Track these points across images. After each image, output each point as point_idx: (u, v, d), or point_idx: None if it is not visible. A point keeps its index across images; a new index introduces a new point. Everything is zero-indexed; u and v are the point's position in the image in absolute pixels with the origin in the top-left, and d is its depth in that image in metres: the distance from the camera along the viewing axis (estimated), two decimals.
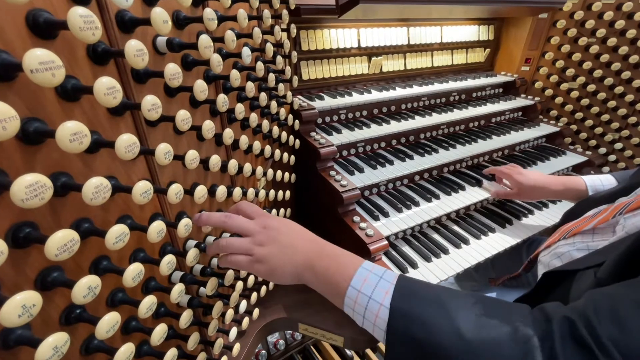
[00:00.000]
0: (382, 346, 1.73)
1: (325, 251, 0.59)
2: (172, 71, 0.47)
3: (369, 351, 1.72)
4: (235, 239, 0.60)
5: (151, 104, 0.44)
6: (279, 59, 0.85)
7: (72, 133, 0.34)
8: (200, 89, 0.55)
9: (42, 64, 0.31)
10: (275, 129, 0.92)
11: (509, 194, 1.15)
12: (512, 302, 0.52)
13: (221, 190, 0.64)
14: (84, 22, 0.34)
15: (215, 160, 0.62)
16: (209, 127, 0.59)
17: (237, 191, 0.71)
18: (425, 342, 0.45)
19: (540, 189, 1.08)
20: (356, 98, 1.29)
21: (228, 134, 0.66)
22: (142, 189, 0.44)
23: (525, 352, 0.41)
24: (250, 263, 0.57)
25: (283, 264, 0.57)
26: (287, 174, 1.01)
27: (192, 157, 0.55)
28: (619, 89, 1.55)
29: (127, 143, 0.41)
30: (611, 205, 0.75)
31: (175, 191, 0.52)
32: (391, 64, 1.51)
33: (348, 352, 1.70)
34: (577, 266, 0.63)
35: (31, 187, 0.31)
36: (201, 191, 0.58)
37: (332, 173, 1.05)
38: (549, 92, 1.72)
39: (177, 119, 0.51)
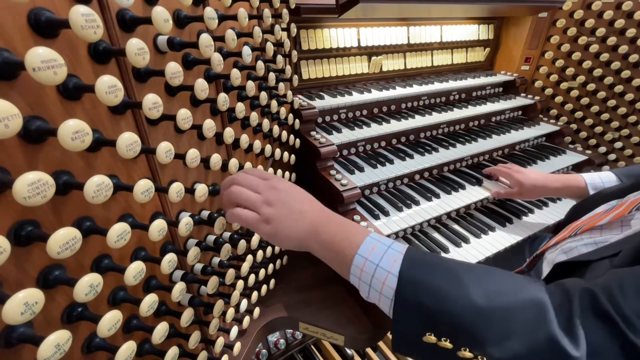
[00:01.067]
0: (382, 345, 1.73)
1: (333, 219, 0.57)
2: (173, 70, 0.48)
3: (369, 350, 1.72)
4: (247, 190, 0.57)
5: (152, 102, 0.44)
6: (279, 58, 0.85)
7: (74, 131, 0.34)
8: (201, 87, 0.55)
9: (44, 62, 0.31)
10: (276, 128, 0.92)
11: (509, 193, 1.15)
12: (526, 276, 0.51)
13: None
14: (86, 21, 0.34)
15: (215, 159, 0.62)
16: (209, 126, 0.59)
17: None
18: (435, 310, 0.43)
19: (540, 187, 1.09)
20: (356, 97, 1.29)
21: (229, 133, 0.66)
22: (144, 188, 0.45)
23: (539, 319, 0.40)
24: (257, 221, 0.55)
25: (289, 228, 0.55)
26: (287, 174, 1.01)
27: (193, 156, 0.55)
28: (618, 88, 1.55)
29: (128, 142, 0.41)
30: (624, 201, 0.74)
31: (176, 190, 0.52)
32: (391, 64, 1.51)
33: (348, 351, 1.70)
34: (590, 257, 0.62)
35: (33, 185, 0.32)
36: (202, 190, 0.59)
37: (333, 172, 1.05)
38: (548, 91, 1.73)
39: (178, 117, 0.51)
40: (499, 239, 1.10)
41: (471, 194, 1.19)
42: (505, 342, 0.39)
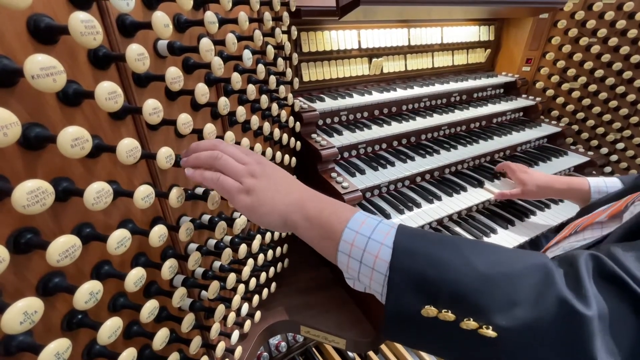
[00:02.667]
0: (384, 348, 1.72)
1: (319, 196, 0.54)
2: (174, 75, 0.47)
3: (371, 353, 1.71)
4: (230, 158, 0.52)
5: (152, 107, 0.44)
6: (280, 61, 0.85)
7: (74, 138, 0.34)
8: (202, 92, 0.55)
9: (43, 69, 0.31)
10: (277, 131, 0.92)
11: (513, 195, 1.15)
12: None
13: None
14: (85, 27, 0.34)
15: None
16: (210, 130, 0.59)
17: None
18: (436, 279, 0.40)
19: (544, 188, 1.09)
20: (357, 99, 1.29)
21: (229, 137, 0.66)
22: (144, 194, 0.44)
23: (547, 282, 0.38)
24: (237, 190, 0.50)
25: (272, 201, 0.51)
26: None
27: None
28: (620, 89, 1.55)
29: (128, 147, 0.41)
30: (623, 200, 0.75)
31: (177, 195, 0.51)
32: (392, 65, 1.50)
33: (350, 354, 1.70)
34: (584, 248, 0.62)
35: (32, 194, 0.31)
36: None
37: (334, 175, 1.05)
38: (550, 92, 1.72)
39: (179, 122, 0.51)
40: (501, 241, 1.09)
41: (473, 196, 1.18)
42: (512, 309, 0.37)
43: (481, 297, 0.38)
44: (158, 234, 0.48)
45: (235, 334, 0.80)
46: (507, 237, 1.11)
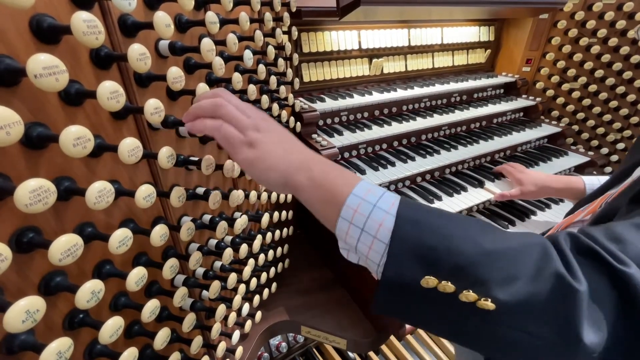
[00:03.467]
0: (384, 348, 1.72)
1: (324, 160, 0.51)
2: (175, 75, 0.47)
3: (371, 354, 1.71)
4: (234, 108, 0.49)
5: (154, 107, 0.44)
6: (281, 61, 0.85)
7: (76, 138, 0.34)
8: (203, 92, 0.55)
9: (46, 68, 0.31)
10: None
11: (513, 195, 1.15)
12: None
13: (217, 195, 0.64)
14: (87, 27, 0.34)
15: (229, 166, 0.62)
16: None
17: (240, 193, 0.71)
18: (439, 248, 0.40)
19: (542, 187, 1.10)
20: (357, 99, 1.29)
21: None
22: (145, 193, 0.44)
23: (545, 258, 0.39)
24: (240, 142, 0.48)
25: (276, 157, 0.48)
26: None
27: (208, 162, 0.55)
28: (620, 89, 1.55)
29: (130, 147, 0.41)
30: (601, 198, 0.76)
31: (178, 194, 0.52)
32: (392, 66, 1.51)
33: (351, 354, 1.69)
34: None
35: (35, 192, 0.31)
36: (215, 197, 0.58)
37: None
38: (550, 92, 1.72)
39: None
40: None
41: (473, 196, 1.18)
42: (512, 283, 0.38)
43: (483, 269, 0.39)
44: (159, 233, 0.48)
45: (236, 334, 0.80)
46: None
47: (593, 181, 1.05)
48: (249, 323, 0.87)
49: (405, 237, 0.42)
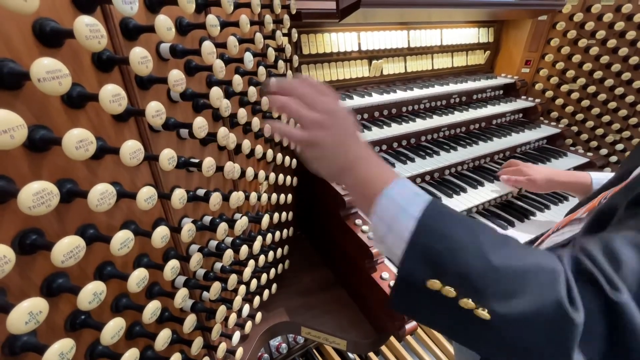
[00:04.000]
0: (384, 349, 1.72)
1: (370, 159, 0.56)
2: (176, 77, 0.48)
3: (371, 354, 1.71)
4: (302, 107, 0.55)
5: (155, 110, 0.44)
6: (280, 63, 0.85)
7: (78, 140, 0.35)
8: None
9: (49, 72, 0.31)
10: None
11: (519, 181, 1.17)
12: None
13: (218, 196, 0.64)
14: (90, 31, 0.35)
15: (229, 168, 0.62)
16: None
17: (240, 195, 0.72)
18: (447, 260, 0.43)
19: (550, 180, 1.13)
20: (357, 101, 1.29)
21: (231, 139, 0.66)
22: (147, 195, 0.45)
23: (552, 284, 0.40)
24: (305, 143, 0.55)
25: (332, 158, 0.55)
26: (288, 177, 1.01)
27: (209, 164, 0.56)
28: (619, 90, 1.55)
29: (131, 149, 0.41)
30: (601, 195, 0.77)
31: (179, 196, 0.52)
32: (392, 67, 1.51)
33: (351, 355, 1.70)
34: (563, 243, 0.65)
35: (38, 195, 0.32)
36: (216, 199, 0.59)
37: None
38: (549, 93, 1.73)
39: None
40: None
41: (473, 197, 1.19)
42: (512, 300, 0.40)
43: (484, 282, 0.42)
44: (160, 235, 0.49)
45: (237, 335, 0.80)
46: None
47: (600, 177, 1.05)
48: (249, 324, 0.87)
49: (420, 243, 0.45)
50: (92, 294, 0.39)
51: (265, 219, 0.79)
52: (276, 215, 0.94)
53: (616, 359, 0.39)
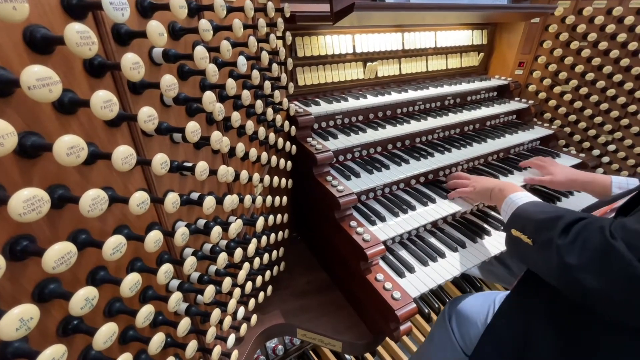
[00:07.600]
0: (381, 349, 1.73)
1: (502, 186, 1.02)
2: (169, 82, 0.48)
3: (368, 355, 1.72)
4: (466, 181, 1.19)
5: (147, 115, 0.45)
6: (275, 66, 0.86)
7: (69, 147, 0.35)
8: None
9: (40, 80, 0.32)
10: (272, 136, 0.93)
11: (543, 181, 1.25)
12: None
13: (211, 200, 0.65)
14: (81, 38, 0.35)
15: (223, 171, 0.62)
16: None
17: (234, 198, 0.72)
18: (521, 222, 0.82)
19: (570, 179, 1.21)
20: (352, 103, 1.30)
21: (224, 142, 0.67)
22: (139, 200, 0.45)
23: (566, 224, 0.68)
24: (468, 191, 1.15)
25: (484, 193, 1.08)
26: (283, 180, 1.02)
27: (202, 168, 0.56)
28: (611, 92, 1.57)
29: (123, 155, 0.41)
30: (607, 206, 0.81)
31: (172, 200, 0.52)
32: (386, 69, 1.52)
33: (347, 356, 1.70)
34: None
35: (29, 202, 0.32)
36: (210, 202, 0.59)
37: (329, 178, 1.06)
38: (542, 95, 1.74)
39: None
40: (495, 243, 1.10)
41: None
42: (542, 232, 0.72)
43: (532, 228, 0.77)
44: (153, 239, 0.49)
45: (232, 338, 0.80)
46: (499, 238, 1.12)
47: (621, 180, 1.09)
48: (244, 326, 0.87)
49: (513, 214, 0.88)
50: (84, 299, 0.39)
51: (260, 221, 0.79)
52: (271, 217, 0.94)
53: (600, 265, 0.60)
